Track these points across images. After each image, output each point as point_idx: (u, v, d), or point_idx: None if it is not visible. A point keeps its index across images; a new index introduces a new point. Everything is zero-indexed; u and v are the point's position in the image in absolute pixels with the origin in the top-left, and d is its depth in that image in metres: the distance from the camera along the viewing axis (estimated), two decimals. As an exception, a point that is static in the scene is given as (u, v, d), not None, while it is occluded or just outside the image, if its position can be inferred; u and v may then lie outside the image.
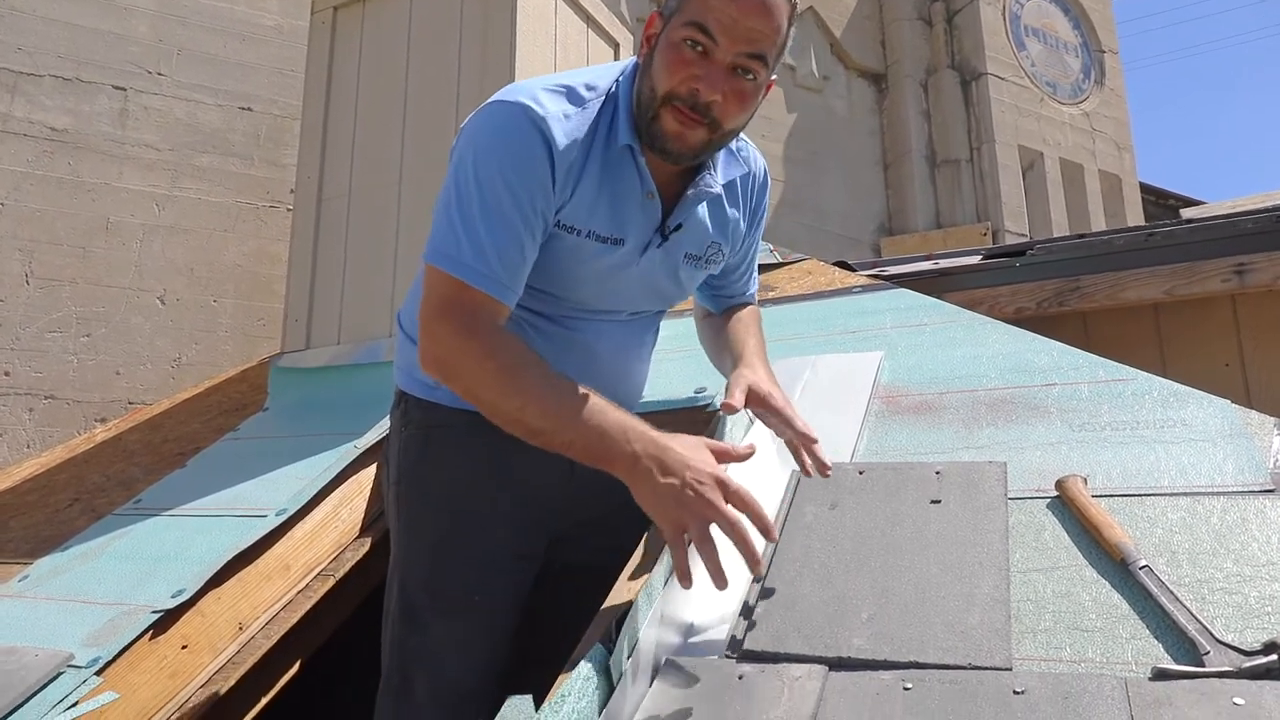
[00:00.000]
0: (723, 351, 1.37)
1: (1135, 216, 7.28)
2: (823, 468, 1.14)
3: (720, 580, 0.91)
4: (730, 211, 1.28)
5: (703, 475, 0.94)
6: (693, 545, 0.92)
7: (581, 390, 1.01)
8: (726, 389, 1.20)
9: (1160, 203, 9.33)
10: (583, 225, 1.13)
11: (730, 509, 0.93)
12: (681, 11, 1.05)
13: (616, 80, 1.16)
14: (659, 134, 1.09)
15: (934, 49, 6.99)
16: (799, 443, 1.16)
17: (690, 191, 1.18)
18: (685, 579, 0.91)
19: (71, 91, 3.92)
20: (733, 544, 0.92)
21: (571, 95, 1.11)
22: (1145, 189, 8.54)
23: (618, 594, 1.05)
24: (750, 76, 1.07)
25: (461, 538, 1.22)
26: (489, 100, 1.12)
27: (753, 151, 1.31)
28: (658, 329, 1.41)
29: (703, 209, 1.23)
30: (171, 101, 4.12)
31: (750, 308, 1.45)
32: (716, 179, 1.21)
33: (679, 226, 1.20)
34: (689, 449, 0.98)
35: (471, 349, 1.03)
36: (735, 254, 1.35)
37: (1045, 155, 6.91)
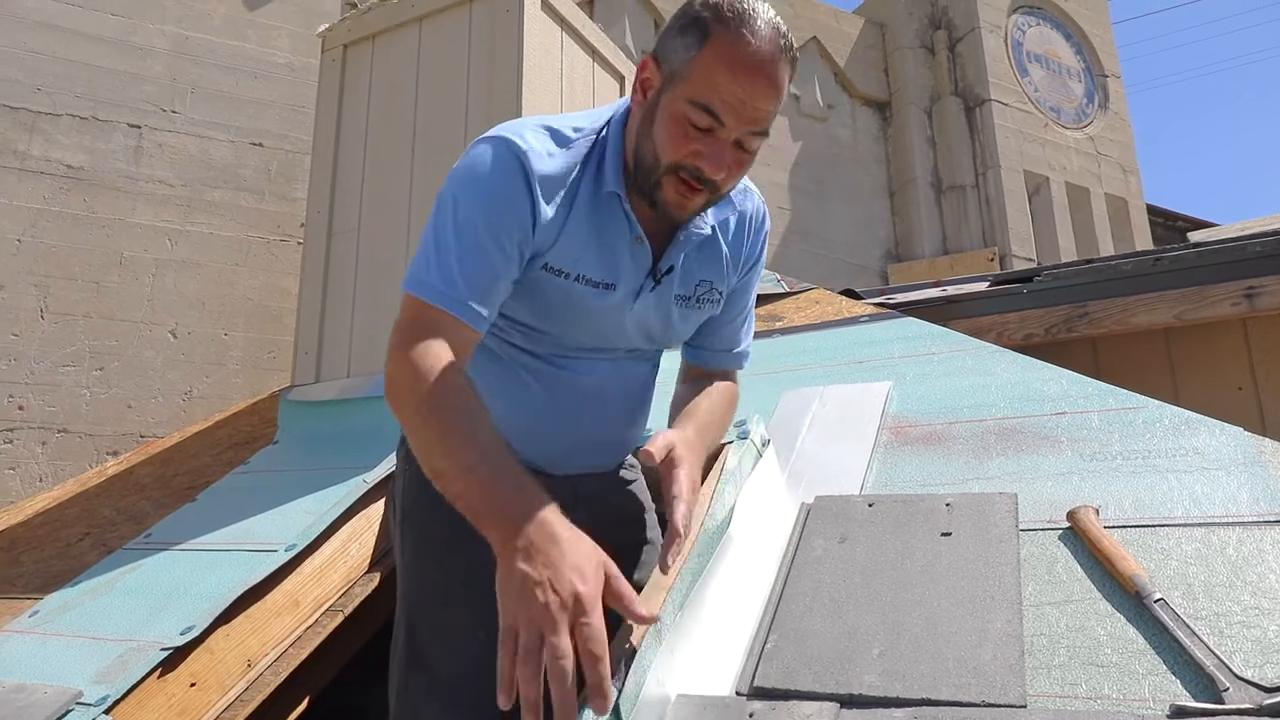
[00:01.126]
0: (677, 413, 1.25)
1: (1143, 239, 7.27)
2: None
3: (532, 713, 0.78)
4: (723, 249, 1.24)
5: (565, 587, 0.81)
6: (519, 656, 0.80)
7: (498, 447, 0.94)
8: (651, 438, 1.08)
9: (1168, 224, 9.32)
10: (571, 269, 1.12)
11: (566, 642, 0.79)
12: (687, 82, 1.02)
13: (606, 123, 1.15)
14: (660, 201, 1.08)
15: (937, 76, 7.04)
16: (668, 536, 1.01)
17: (680, 235, 1.17)
18: (501, 693, 0.79)
19: (88, 130, 3.99)
20: (549, 680, 0.78)
21: (556, 136, 1.11)
22: (1153, 211, 8.54)
23: (625, 632, 1.04)
24: (753, 146, 1.06)
25: (464, 576, 1.22)
26: (476, 139, 1.12)
27: (750, 193, 1.28)
28: (657, 365, 1.37)
29: (695, 250, 1.20)
30: (185, 138, 4.18)
31: (726, 386, 1.31)
32: (707, 220, 1.19)
33: (670, 270, 1.18)
34: (580, 557, 0.85)
35: (411, 369, 0.99)
36: (726, 299, 1.29)
37: (1051, 180, 6.93)
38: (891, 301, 2.61)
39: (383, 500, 1.96)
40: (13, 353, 3.67)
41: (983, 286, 2.66)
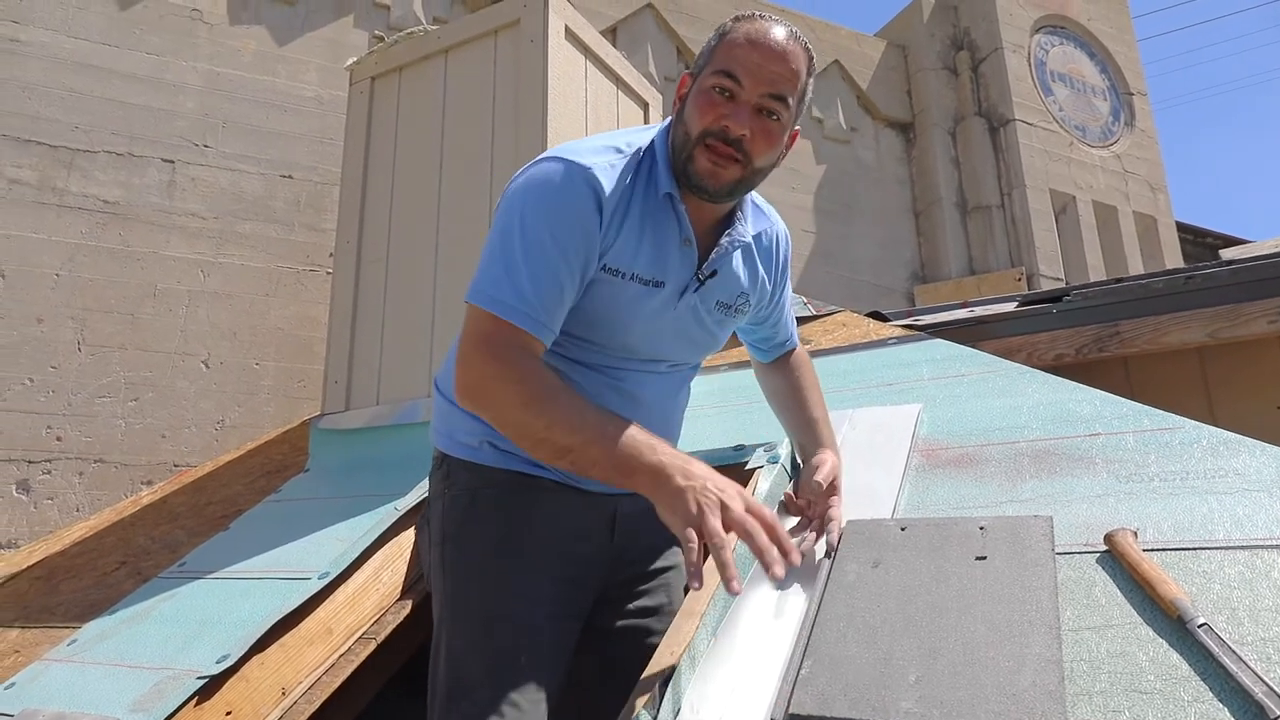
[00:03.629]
0: (785, 411, 1.48)
1: (1173, 257, 7.18)
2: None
3: (733, 583, 0.93)
4: (759, 265, 1.36)
5: (723, 482, 0.99)
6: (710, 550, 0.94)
7: (608, 412, 1.07)
8: (798, 483, 1.32)
9: (1199, 241, 9.21)
10: (626, 268, 1.19)
11: (742, 509, 0.97)
12: (710, 63, 1.17)
13: (653, 139, 1.25)
14: (694, 173, 1.17)
15: (960, 97, 7.03)
16: (826, 539, 1.25)
17: (725, 239, 1.26)
18: (695, 579, 0.94)
19: (123, 166, 4.09)
20: (743, 538, 0.96)
21: (615, 150, 1.20)
22: (1183, 228, 8.44)
23: (661, 657, 1.04)
24: (774, 117, 1.16)
25: (508, 597, 1.22)
26: (538, 158, 1.21)
27: (774, 215, 1.41)
28: (689, 388, 1.44)
29: (735, 258, 1.30)
30: (216, 172, 4.28)
31: (801, 357, 1.54)
32: (748, 229, 1.29)
33: (714, 273, 1.27)
34: (722, 478, 1.01)
35: (502, 374, 1.08)
36: (768, 306, 1.43)
37: (1078, 199, 6.87)
38: (919, 323, 2.59)
39: (414, 528, 1.97)
40: (51, 384, 3.74)
41: (1011, 307, 2.65)
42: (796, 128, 1.23)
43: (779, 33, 1.15)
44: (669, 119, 1.26)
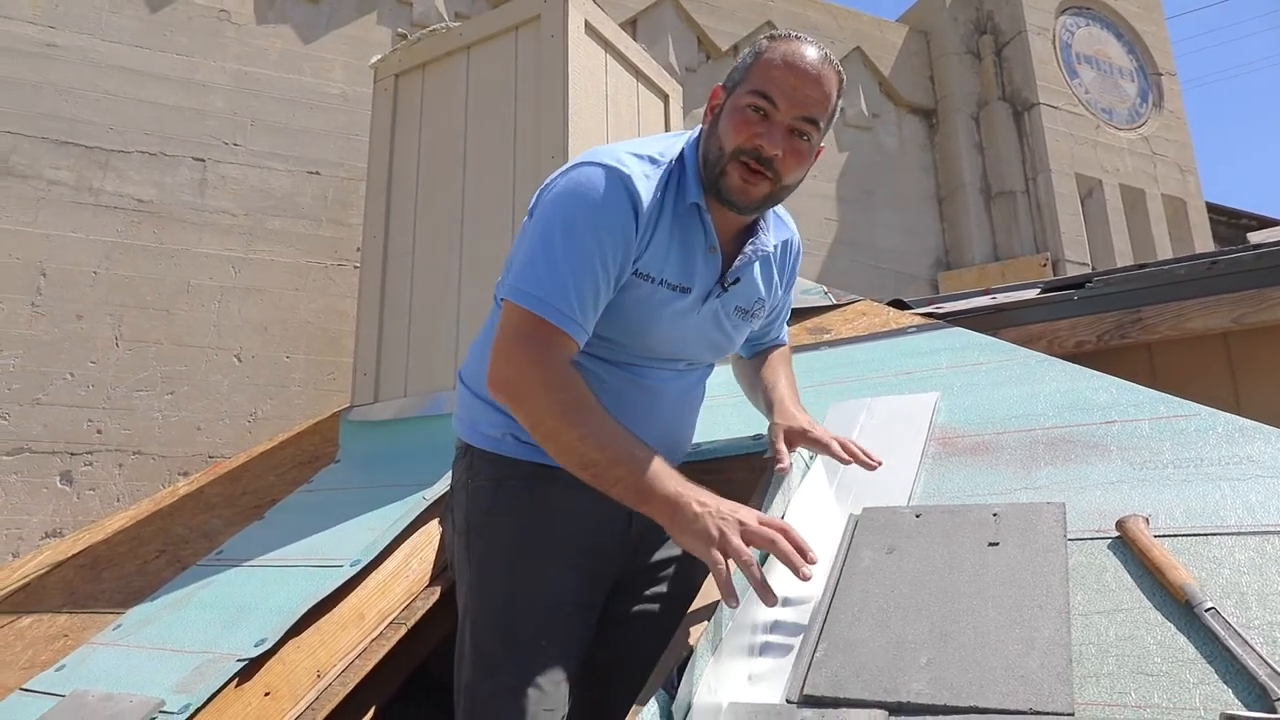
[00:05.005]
0: (755, 389, 1.52)
1: (1203, 240, 7.07)
2: (870, 462, 1.32)
3: (768, 596, 1.00)
4: (774, 273, 1.42)
5: (734, 507, 1.05)
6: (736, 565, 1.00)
7: (635, 437, 1.11)
8: (770, 445, 1.34)
9: (1232, 223, 9.05)
10: (656, 274, 1.24)
11: (758, 524, 1.03)
12: (745, 81, 1.22)
13: (683, 149, 1.29)
14: (726, 188, 1.22)
15: (984, 82, 6.96)
16: (847, 458, 1.31)
17: (749, 248, 1.31)
18: (730, 597, 0.99)
19: (156, 165, 4.17)
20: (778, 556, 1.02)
21: (649, 159, 1.24)
22: (1216, 210, 8.30)
23: (679, 641, 1.07)
24: (805, 138, 1.21)
25: (530, 584, 1.27)
26: (575, 161, 1.24)
27: (794, 223, 1.47)
28: (705, 385, 1.50)
29: (756, 267, 1.35)
30: (246, 169, 4.35)
31: (780, 349, 1.60)
32: (770, 239, 1.34)
33: (736, 280, 1.32)
34: (732, 504, 1.07)
35: (543, 378, 1.13)
36: (771, 311, 1.49)
37: (1104, 182, 6.78)
38: (939, 311, 2.60)
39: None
40: (91, 379, 3.85)
41: (1032, 294, 2.64)
42: (823, 144, 1.28)
43: (813, 56, 1.20)
44: (698, 128, 1.31)
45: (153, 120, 4.19)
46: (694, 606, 1.17)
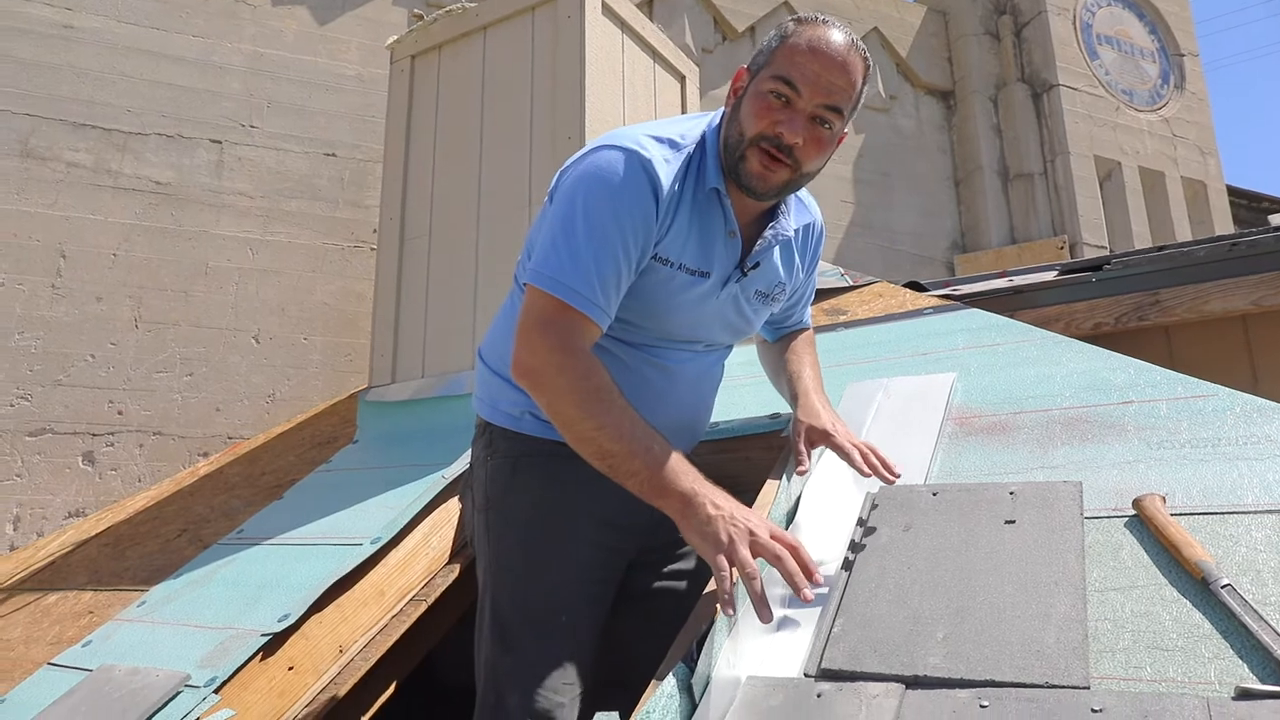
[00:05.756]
0: (780, 376, 1.51)
1: (1223, 223, 7.00)
2: (889, 475, 1.26)
3: (764, 611, 0.98)
4: (795, 256, 1.40)
5: (749, 514, 1.04)
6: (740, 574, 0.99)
7: (654, 430, 1.11)
8: (791, 443, 1.33)
9: (1253, 206, 8.95)
10: (675, 258, 1.24)
11: (769, 538, 1.02)
12: (769, 66, 1.18)
13: (704, 132, 1.27)
14: (745, 173, 1.20)
15: (1003, 63, 6.89)
16: (868, 471, 1.26)
17: (769, 233, 1.30)
18: (728, 606, 0.98)
19: (173, 147, 4.20)
20: (772, 562, 1.01)
21: (670, 143, 1.23)
22: (1236, 193, 8.20)
23: (698, 616, 1.09)
24: (827, 126, 1.18)
25: (549, 560, 1.28)
26: (594, 144, 1.23)
27: (816, 205, 1.45)
28: (723, 365, 1.49)
29: (776, 251, 1.34)
30: (262, 151, 4.37)
31: (804, 334, 1.57)
32: (790, 224, 1.33)
33: (756, 265, 1.31)
34: (746, 509, 1.06)
35: (565, 365, 1.13)
36: (793, 294, 1.48)
37: (1123, 165, 6.71)
38: (956, 293, 2.59)
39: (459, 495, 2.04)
40: (112, 360, 3.89)
41: (1050, 276, 2.63)
42: (847, 130, 1.25)
43: (839, 42, 1.16)
44: (720, 112, 1.29)
45: (169, 102, 4.22)
46: (713, 581, 1.18)
